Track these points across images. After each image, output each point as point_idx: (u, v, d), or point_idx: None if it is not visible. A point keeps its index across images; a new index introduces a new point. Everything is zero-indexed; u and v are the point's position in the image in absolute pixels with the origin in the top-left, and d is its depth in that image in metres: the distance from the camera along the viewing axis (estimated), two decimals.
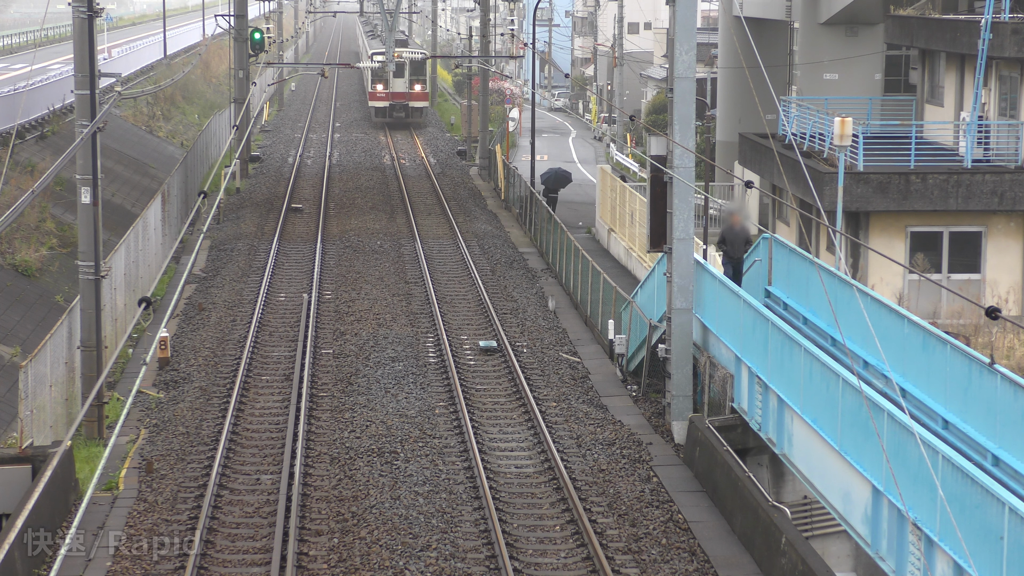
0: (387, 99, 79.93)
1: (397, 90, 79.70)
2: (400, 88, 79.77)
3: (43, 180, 21.52)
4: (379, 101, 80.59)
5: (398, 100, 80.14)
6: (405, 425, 27.53)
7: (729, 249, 28.91)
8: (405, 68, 77.62)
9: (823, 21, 48.31)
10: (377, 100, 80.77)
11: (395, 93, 79.90)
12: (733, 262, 28.91)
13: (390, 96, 79.90)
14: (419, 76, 79.64)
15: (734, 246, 28.91)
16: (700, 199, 40.08)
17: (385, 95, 80.00)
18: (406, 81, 79.54)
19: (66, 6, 28.85)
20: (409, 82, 79.64)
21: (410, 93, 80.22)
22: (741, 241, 28.89)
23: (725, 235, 29.12)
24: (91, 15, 26.50)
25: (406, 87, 79.86)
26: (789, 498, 24.57)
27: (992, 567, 16.02)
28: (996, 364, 20.04)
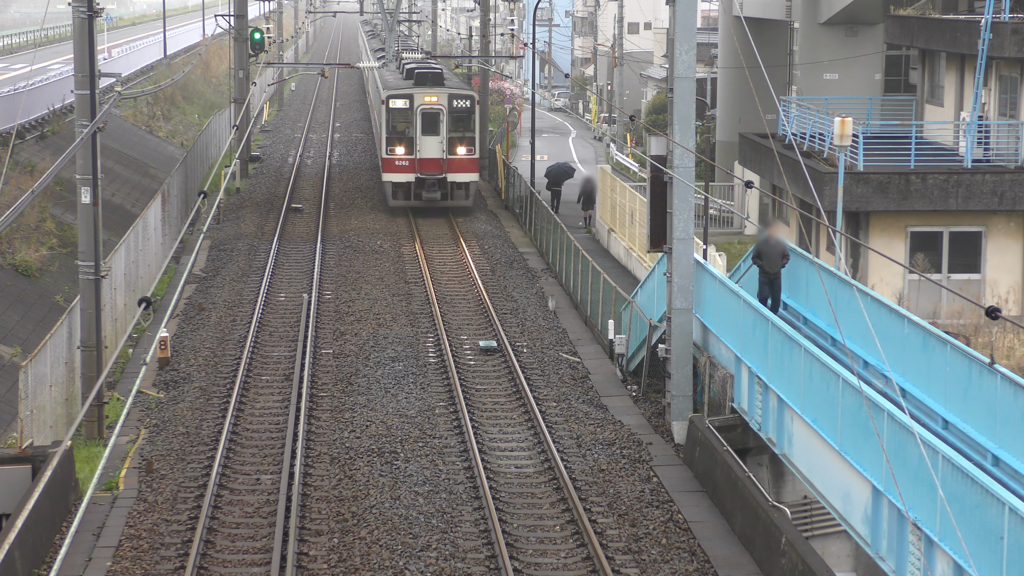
0: (411, 169, 50.31)
1: (428, 154, 50.16)
2: (432, 151, 50.24)
3: (43, 180, 21.51)
4: (399, 173, 50.57)
5: (430, 172, 50.19)
6: (405, 425, 27.53)
7: (765, 264, 27.28)
8: (441, 119, 50.06)
9: (823, 21, 48.30)
10: (396, 171, 50.65)
11: (426, 161, 50.24)
12: (769, 278, 27.31)
13: (417, 166, 50.30)
14: (463, 131, 50.65)
15: (770, 260, 27.27)
16: (700, 199, 40.08)
17: (409, 163, 50.33)
18: (442, 140, 50.17)
19: (66, 6, 28.85)
20: (448, 142, 50.11)
21: (451, 160, 50.29)
22: (777, 255, 27.27)
23: (760, 249, 27.45)
24: (91, 15, 26.50)
25: (443, 149, 50.20)
26: (789, 498, 24.56)
27: (992, 567, 16.01)
28: (996, 364, 20.04)
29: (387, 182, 51.22)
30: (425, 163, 50.31)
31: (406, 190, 50.69)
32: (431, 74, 51.79)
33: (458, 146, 50.38)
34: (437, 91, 50.33)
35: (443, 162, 50.21)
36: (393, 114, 50.28)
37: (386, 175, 51.26)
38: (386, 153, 50.68)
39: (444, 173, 50.24)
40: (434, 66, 54.60)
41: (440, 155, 50.15)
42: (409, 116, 49.96)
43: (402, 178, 50.63)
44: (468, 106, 50.62)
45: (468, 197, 51.26)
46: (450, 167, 50.27)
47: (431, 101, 49.89)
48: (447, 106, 50.05)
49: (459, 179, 50.65)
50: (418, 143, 50.13)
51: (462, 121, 50.63)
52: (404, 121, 50.19)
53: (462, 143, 50.47)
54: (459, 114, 50.46)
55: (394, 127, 50.44)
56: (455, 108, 50.29)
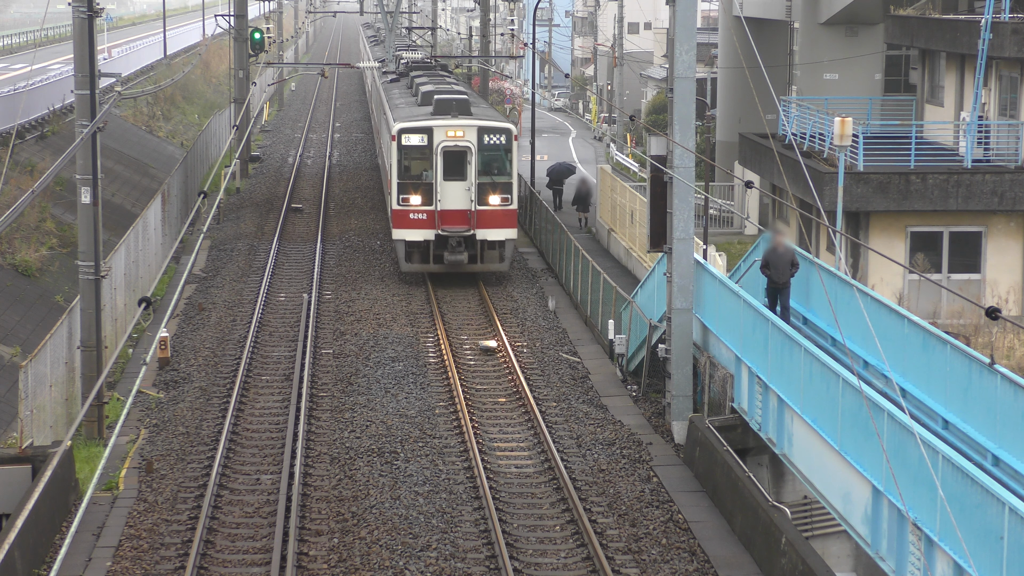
0: (430, 225, 39.05)
1: (452, 205, 39.08)
2: (457, 201, 39.13)
3: (43, 180, 21.51)
4: (414, 230, 39.25)
5: (455, 228, 39.07)
6: (405, 425, 27.53)
7: (773, 273, 26.89)
8: (469, 160, 39.04)
9: (823, 21, 48.31)
10: (410, 227, 39.30)
11: (449, 214, 39.07)
12: (778, 287, 26.92)
13: (438, 220, 39.03)
14: (497, 174, 39.41)
15: (778, 270, 26.87)
16: (700, 199, 40.08)
17: (426, 217, 39.10)
18: (470, 187, 39.09)
19: (66, 6, 28.85)
20: (478, 189, 39.17)
21: (481, 212, 39.13)
22: (786, 264, 26.84)
23: (768, 258, 27.00)
24: (91, 15, 26.51)
25: (471, 198, 39.15)
26: (789, 498, 24.57)
27: (992, 567, 16.01)
28: (996, 364, 20.05)
29: (399, 241, 39.08)
30: (448, 216, 38.75)
31: (423, 251, 38.99)
32: (455, 100, 39.92)
33: (490, 194, 38.85)
34: (464, 123, 38.96)
35: (471, 215, 38.72)
36: (406, 153, 39.03)
37: (397, 231, 39.14)
38: (398, 203, 38.89)
39: (472, 229, 38.83)
40: (457, 88, 44.64)
41: (467, 206, 38.81)
42: (427, 156, 38.72)
43: (418, 235, 38.78)
44: (503, 142, 38.94)
45: (503, 259, 39.37)
46: (480, 221, 38.83)
47: (456, 136, 38.68)
48: (476, 142, 38.72)
49: (492, 236, 38.93)
50: (439, 191, 38.59)
51: (496, 162, 39.00)
52: (421, 162, 38.94)
53: (496, 190, 38.87)
54: (492, 152, 38.99)
55: (407, 169, 39.08)
56: (487, 145, 38.92)
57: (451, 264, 39.17)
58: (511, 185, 39.38)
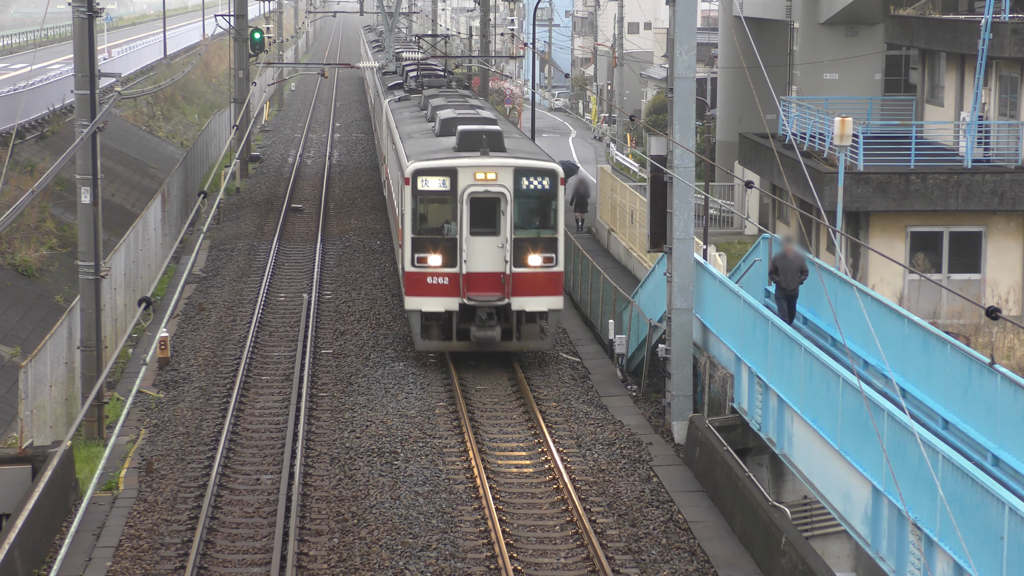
0: (453, 291, 31.21)
1: (481, 267, 31.21)
2: (488, 261, 31.24)
3: (43, 180, 21.52)
4: (433, 297, 31.35)
5: (485, 296, 31.23)
6: (405, 425, 27.53)
7: (782, 280, 26.70)
8: (503, 209, 31.02)
9: (823, 21, 48.31)
10: (427, 293, 31.37)
11: (478, 277, 31.23)
12: (787, 295, 26.73)
13: (463, 285, 31.11)
14: (539, 227, 31.44)
15: (787, 276, 26.66)
16: (700, 199, 40.08)
17: (449, 281, 31.26)
18: (504, 243, 31.14)
19: (66, 6, 28.86)
20: (515, 247, 31.16)
21: (518, 276, 31.15)
22: (795, 271, 26.63)
23: (777, 264, 26.80)
24: (91, 15, 26.51)
25: (505, 258, 31.12)
26: (789, 498, 24.57)
27: (992, 567, 16.01)
28: (996, 364, 20.06)
29: (413, 312, 30.98)
30: (476, 281, 30.76)
31: (444, 325, 31.05)
32: (486, 133, 31.43)
33: (530, 253, 30.76)
34: (497, 162, 30.72)
35: (505, 280, 30.67)
36: (423, 200, 30.88)
37: (411, 300, 31.00)
38: (412, 264, 30.83)
39: (507, 297, 30.65)
40: (484, 113, 35.53)
41: (500, 268, 30.75)
42: (450, 204, 30.62)
43: (438, 305, 30.84)
44: (546, 187, 30.80)
45: (545, 335, 31.23)
46: (517, 287, 30.72)
47: (487, 179, 30.56)
48: (513, 188, 30.61)
49: (531, 306, 30.92)
50: (464, 248, 30.56)
51: (537, 212, 30.93)
52: (441, 211, 30.86)
53: (536, 248, 30.82)
54: (532, 200, 30.92)
55: (424, 220, 30.98)
56: (526, 191, 30.80)
57: (479, 342, 30.79)
58: (556, 242, 30.83)
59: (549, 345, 31.73)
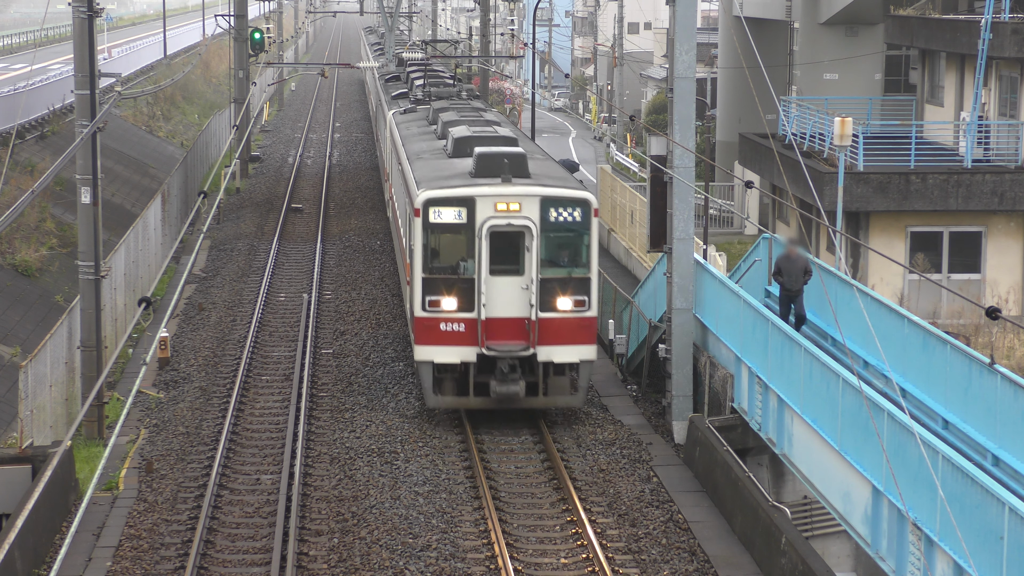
0: (470, 340, 27.12)
1: (503, 311, 27.16)
2: (510, 306, 27.21)
3: (43, 180, 21.52)
4: (447, 346, 27.26)
5: (507, 345, 27.17)
6: (405, 425, 27.53)
7: (786, 280, 26.42)
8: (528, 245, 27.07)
9: (823, 21, 48.32)
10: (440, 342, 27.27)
11: (498, 324, 27.17)
12: (791, 295, 26.45)
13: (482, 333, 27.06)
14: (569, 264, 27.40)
15: (791, 277, 26.35)
16: (700, 199, 40.09)
17: (465, 328, 27.21)
18: (529, 284, 27.10)
19: (66, 6, 28.87)
20: (541, 288, 27.09)
21: (545, 321, 27.12)
22: (799, 271, 26.34)
23: (781, 265, 26.51)
24: (91, 15, 26.51)
25: (530, 301, 27.09)
26: (789, 498, 24.58)
27: (992, 567, 16.02)
28: (996, 364, 20.06)
29: (424, 363, 27.21)
30: (497, 328, 26.93)
31: (459, 378, 27.24)
32: (507, 157, 27.63)
33: (559, 295, 26.91)
34: (520, 191, 26.93)
35: (530, 326, 26.85)
36: (436, 234, 27.11)
37: (422, 349, 27.24)
38: (423, 307, 27.04)
39: (532, 346, 26.87)
40: (502, 131, 31.32)
41: (525, 313, 26.92)
42: (467, 238, 26.86)
43: (452, 355, 27.00)
44: (578, 219, 26.98)
45: (576, 389, 27.45)
46: (544, 335, 26.90)
47: (510, 211, 26.77)
48: (539, 220, 26.80)
49: (561, 356, 27.03)
50: (483, 290, 26.78)
51: (567, 247, 27.11)
52: (457, 247, 27.05)
53: (567, 290, 26.96)
54: (562, 234, 27.03)
55: (436, 256, 27.15)
56: (555, 223, 26.94)
57: (501, 398, 26.88)
58: (589, 283, 27.00)
59: (580, 401, 27.66)
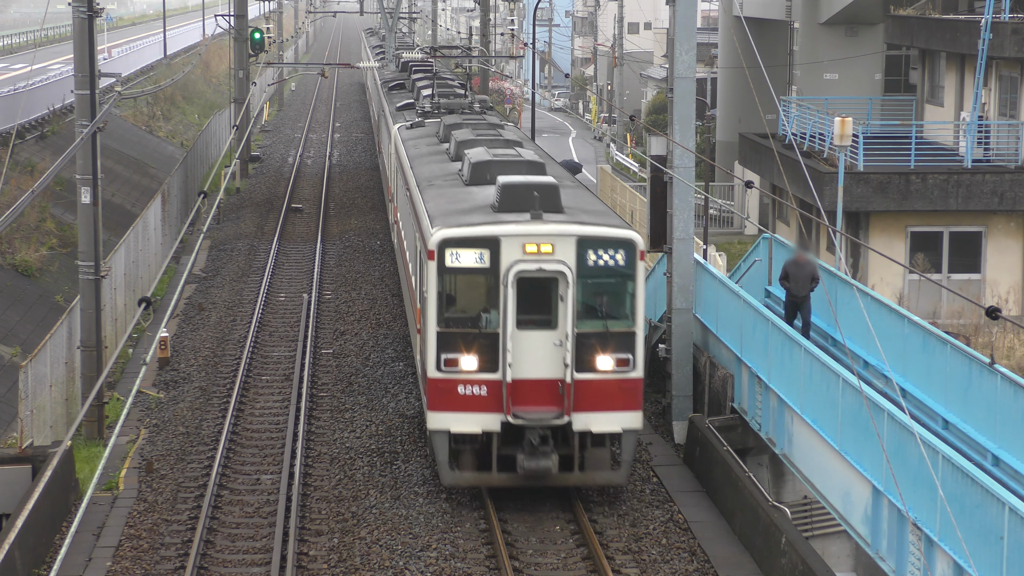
0: (492, 406, 22.58)
1: (531, 372, 22.59)
2: (541, 365, 22.61)
3: (43, 180, 21.52)
4: (465, 413, 22.72)
5: (536, 411, 22.54)
6: (405, 425, 27.54)
7: (792, 286, 26.16)
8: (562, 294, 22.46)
9: (823, 21, 48.33)
10: (457, 407, 22.72)
11: (527, 386, 22.61)
12: (797, 301, 26.19)
13: (508, 397, 22.48)
14: (610, 316, 22.82)
15: (798, 283, 26.09)
16: (700, 199, 40.09)
17: (487, 391, 22.64)
18: (563, 339, 22.46)
19: (66, 6, 28.87)
20: (578, 345, 22.47)
21: (582, 384, 22.57)
22: (806, 278, 26.06)
23: (788, 270, 26.29)
24: (91, 15, 26.51)
25: (566, 360, 22.45)
26: (789, 498, 24.58)
27: (992, 567, 16.02)
28: (996, 364, 20.07)
29: (439, 432, 22.90)
30: (525, 391, 22.62)
31: (481, 450, 22.95)
32: (537, 188, 23.34)
33: (598, 352, 22.63)
34: (553, 230, 22.65)
35: (564, 389, 22.50)
36: (454, 281, 22.88)
37: (436, 415, 22.97)
38: (438, 367, 22.75)
39: (566, 413, 22.52)
40: (528, 155, 26.26)
41: (558, 374, 22.60)
42: (490, 286, 22.60)
43: (472, 423, 22.70)
44: (621, 263, 22.73)
45: (618, 464, 23.24)
46: (581, 400, 22.59)
47: (541, 253, 22.48)
48: (576, 264, 22.50)
49: (600, 425, 22.75)
50: (510, 347, 22.43)
51: (608, 296, 22.82)
52: (478, 295, 22.82)
53: (607, 346, 22.66)
54: (602, 281, 22.80)
55: (453, 306, 22.84)
56: (593, 268, 22.66)
57: (529, 474, 22.59)
58: (634, 338, 22.61)
59: (624, 479, 23.37)
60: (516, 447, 22.70)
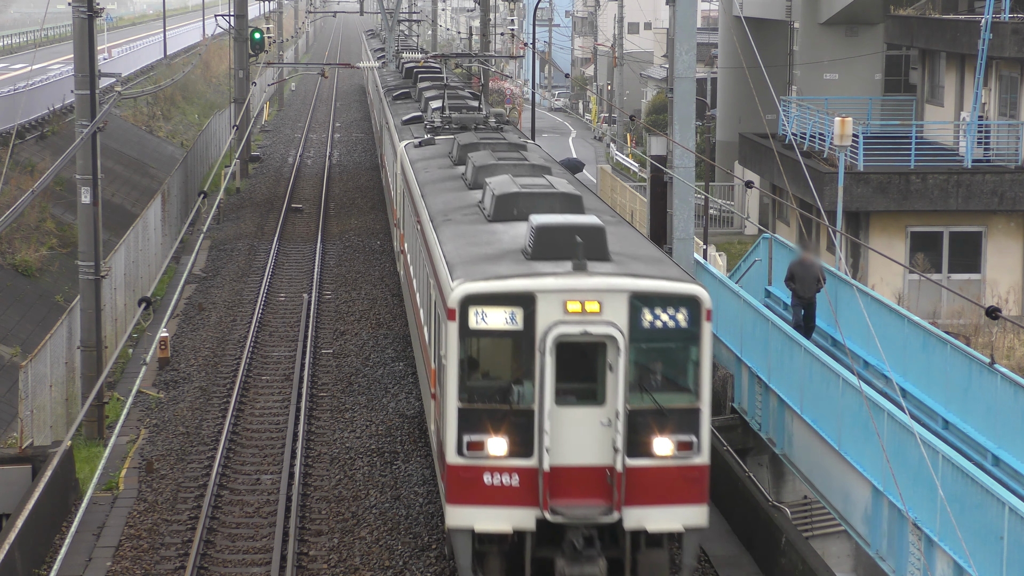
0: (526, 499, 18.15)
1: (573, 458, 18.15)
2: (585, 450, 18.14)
3: (43, 180, 21.53)
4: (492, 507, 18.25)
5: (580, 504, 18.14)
6: (405, 425, 27.54)
7: (798, 288, 26.25)
8: (610, 364, 17.99)
9: (823, 21, 48.33)
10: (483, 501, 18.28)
11: (568, 475, 18.16)
12: (803, 303, 26.27)
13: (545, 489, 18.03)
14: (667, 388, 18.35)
15: (804, 284, 26.19)
16: (700, 199, 40.09)
17: (520, 481, 18.19)
18: (613, 417, 18.00)
19: (66, 6, 28.87)
20: (630, 425, 18.02)
21: (634, 472, 18.10)
22: (812, 279, 26.11)
23: (794, 271, 26.40)
24: (91, 15, 26.51)
25: (616, 444, 17.94)
26: (789, 498, 24.57)
27: (992, 567, 16.02)
28: (996, 364, 20.07)
29: (460, 531, 18.61)
30: (566, 481, 18.45)
31: (511, 553, 18.71)
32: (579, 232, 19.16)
33: (655, 434, 18.39)
34: (601, 283, 18.46)
35: (614, 478, 18.26)
36: (479, 345, 18.67)
37: (457, 510, 18.65)
38: (459, 451, 18.55)
39: (616, 508, 18.27)
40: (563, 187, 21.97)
41: (607, 459, 18.31)
42: (523, 352, 18.41)
43: (501, 520, 18.51)
44: (683, 323, 18.62)
45: (679, 570, 19.38)
46: (633, 491, 18.35)
47: (587, 313, 18.31)
48: (628, 325, 18.36)
49: (657, 522, 18.51)
50: (547, 427, 18.20)
51: (668, 365, 18.71)
52: (508, 363, 18.69)
53: (665, 425, 18.40)
54: (660, 345, 18.67)
55: (476, 376, 18.68)
56: (650, 330, 18.54)
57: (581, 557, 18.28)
58: (698, 416, 18.27)
59: None
60: (555, 549, 18.35)
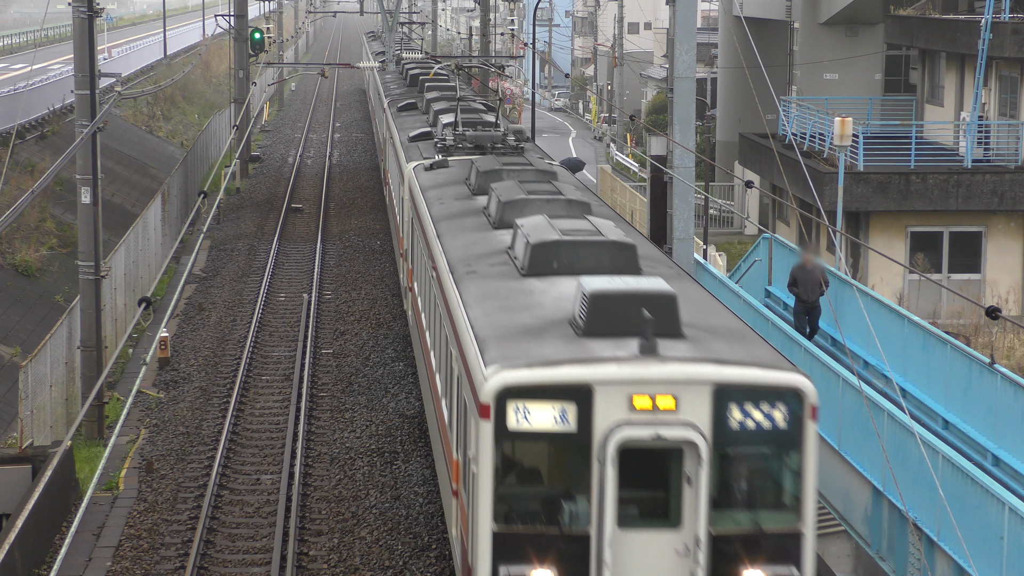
0: None
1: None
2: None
3: (43, 180, 21.53)
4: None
5: None
6: (405, 425, 27.55)
7: (801, 292, 26.01)
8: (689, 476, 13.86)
9: (823, 21, 48.33)
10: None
11: None
12: (806, 307, 26.05)
13: None
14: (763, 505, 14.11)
15: (807, 288, 25.92)
16: (700, 199, 40.09)
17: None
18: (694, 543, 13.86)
19: (66, 6, 28.88)
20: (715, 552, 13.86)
21: None
22: (815, 283, 25.82)
23: (796, 275, 26.14)
24: (91, 15, 26.51)
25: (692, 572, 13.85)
26: None
27: (992, 567, 16.02)
28: (996, 364, 20.07)
29: None
30: None
31: None
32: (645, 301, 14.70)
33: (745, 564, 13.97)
34: (676, 371, 13.96)
35: None
36: (519, 451, 14.16)
37: None
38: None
39: None
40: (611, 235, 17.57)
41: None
42: (575, 460, 14.00)
43: None
44: (782, 423, 13.97)
45: None
46: None
47: (658, 410, 13.87)
48: (712, 427, 13.91)
49: None
50: (607, 557, 13.86)
51: (762, 477, 14.27)
52: (556, 474, 14.29)
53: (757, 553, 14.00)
54: (751, 449, 14.13)
55: (515, 489, 14.14)
56: (739, 433, 14.00)
57: None
58: (800, 540, 14.17)
59: None
60: None
